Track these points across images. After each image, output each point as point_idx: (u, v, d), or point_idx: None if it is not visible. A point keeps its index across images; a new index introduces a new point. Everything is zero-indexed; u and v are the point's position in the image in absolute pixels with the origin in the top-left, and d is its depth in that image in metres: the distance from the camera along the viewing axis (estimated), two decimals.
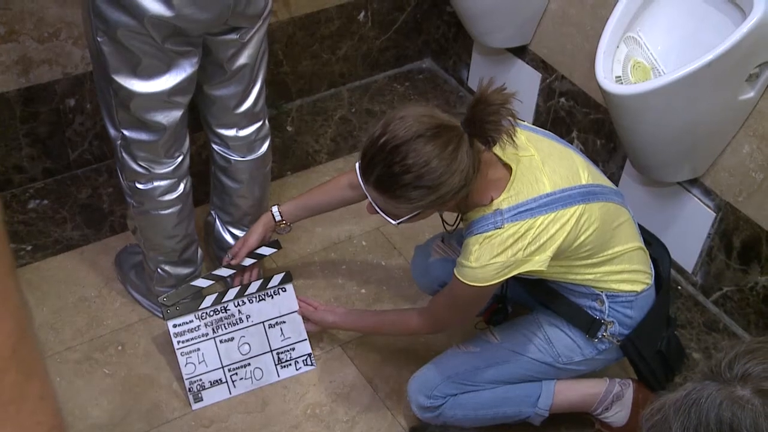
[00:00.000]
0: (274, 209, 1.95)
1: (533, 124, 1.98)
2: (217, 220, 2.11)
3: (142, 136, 1.79)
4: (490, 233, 1.54)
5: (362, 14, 2.76)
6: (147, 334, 2.03)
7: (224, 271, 1.97)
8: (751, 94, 1.95)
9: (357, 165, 1.58)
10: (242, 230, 2.07)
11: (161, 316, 1.95)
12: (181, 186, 1.90)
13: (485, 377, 1.77)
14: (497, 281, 1.58)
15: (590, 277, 1.67)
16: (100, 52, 1.67)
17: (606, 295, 1.69)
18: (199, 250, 2.05)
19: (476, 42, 2.75)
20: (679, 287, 2.21)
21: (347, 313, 1.95)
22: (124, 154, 1.82)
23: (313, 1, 2.64)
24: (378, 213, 1.59)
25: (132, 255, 2.14)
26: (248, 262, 1.96)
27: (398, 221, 1.58)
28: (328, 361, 2.02)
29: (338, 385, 1.98)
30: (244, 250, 1.94)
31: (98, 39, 1.66)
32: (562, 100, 2.52)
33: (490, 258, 1.54)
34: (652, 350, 1.76)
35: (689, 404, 0.97)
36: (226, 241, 2.09)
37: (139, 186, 1.86)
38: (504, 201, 1.55)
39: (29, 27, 2.12)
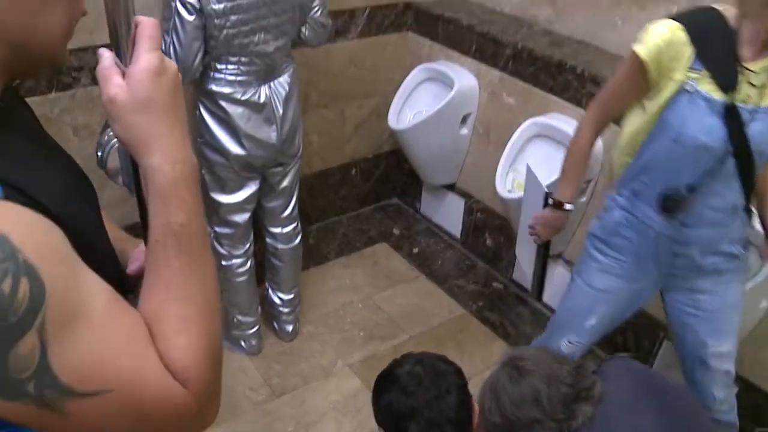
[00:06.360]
0: (564, 202, 1.95)
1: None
2: (269, 289, 2.77)
3: (226, 230, 2.44)
4: None
5: (354, 171, 3.36)
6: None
7: None
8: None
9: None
10: (288, 294, 2.69)
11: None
12: (249, 263, 2.55)
13: None
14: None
15: None
16: (203, 180, 2.22)
17: None
18: (258, 308, 2.69)
19: (425, 183, 3.35)
20: None
21: None
22: (214, 243, 2.47)
23: (324, 162, 3.20)
24: None
25: None
26: None
27: None
28: None
29: None
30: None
31: (202, 172, 2.16)
32: (478, 214, 3.15)
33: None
34: None
35: (488, 378, 1.12)
36: (276, 303, 2.75)
37: (224, 263, 2.54)
38: None
39: None
